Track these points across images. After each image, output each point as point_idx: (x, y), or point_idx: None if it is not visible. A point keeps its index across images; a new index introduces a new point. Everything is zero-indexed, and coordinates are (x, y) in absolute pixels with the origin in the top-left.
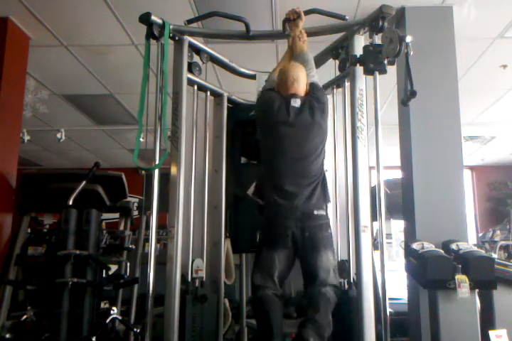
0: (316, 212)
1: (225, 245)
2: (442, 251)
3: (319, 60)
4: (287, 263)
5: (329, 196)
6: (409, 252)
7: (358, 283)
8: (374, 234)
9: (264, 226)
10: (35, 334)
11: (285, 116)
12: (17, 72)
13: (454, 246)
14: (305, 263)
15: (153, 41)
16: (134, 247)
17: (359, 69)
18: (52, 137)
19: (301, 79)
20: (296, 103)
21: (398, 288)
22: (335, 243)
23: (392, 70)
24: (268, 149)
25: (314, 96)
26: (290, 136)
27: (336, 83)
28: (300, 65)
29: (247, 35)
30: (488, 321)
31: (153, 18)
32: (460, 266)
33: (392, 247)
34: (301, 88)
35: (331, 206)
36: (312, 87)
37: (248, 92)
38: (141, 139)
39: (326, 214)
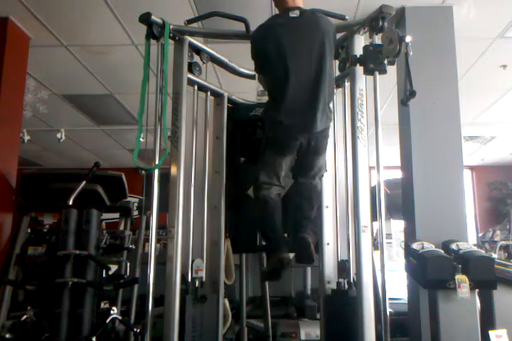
0: (324, 128)
1: (225, 245)
2: (442, 251)
3: None
4: (291, 164)
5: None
6: (409, 252)
7: (358, 283)
8: (374, 234)
9: (272, 132)
10: (35, 334)
11: (283, 26)
12: (17, 72)
13: (454, 246)
14: (304, 162)
15: (153, 41)
16: (134, 247)
17: (359, 69)
18: (52, 137)
19: None
20: (294, 13)
21: (398, 288)
22: (335, 243)
23: (392, 70)
24: (272, 71)
25: (317, 9)
26: (294, 44)
27: (336, 83)
28: None
29: (247, 35)
30: (488, 321)
31: (153, 18)
32: (460, 266)
33: (392, 247)
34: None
35: (331, 206)
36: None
37: (248, 92)
38: (141, 139)
39: (330, 119)
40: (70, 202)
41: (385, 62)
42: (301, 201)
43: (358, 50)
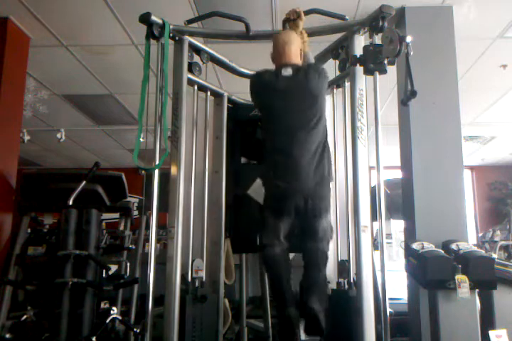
0: (319, 190)
1: (225, 245)
2: (442, 251)
3: (319, 60)
4: (291, 226)
5: (332, 173)
6: (409, 252)
7: (358, 283)
8: (374, 234)
9: (267, 195)
10: (35, 334)
11: (275, 84)
12: (17, 72)
13: (454, 246)
14: (305, 224)
15: (153, 41)
16: (134, 247)
17: (359, 69)
18: (52, 137)
19: (293, 43)
20: (286, 72)
21: (398, 288)
22: (335, 243)
23: (392, 70)
24: (265, 124)
25: (310, 65)
26: (284, 106)
27: (336, 83)
28: (293, 31)
29: (247, 35)
30: (488, 321)
31: (153, 18)
32: (460, 266)
33: (392, 247)
34: (293, 53)
35: (331, 206)
36: (307, 56)
37: (248, 92)
38: (141, 139)
39: (329, 184)
40: (70, 202)
41: (385, 62)
42: (308, 266)
43: (358, 50)
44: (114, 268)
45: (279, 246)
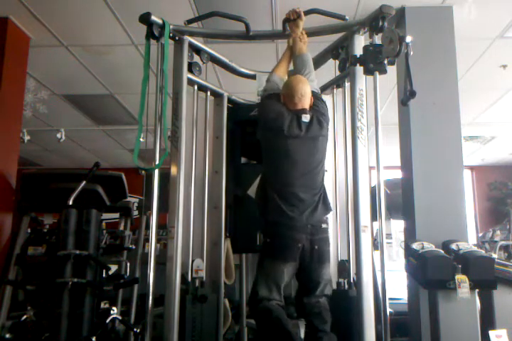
0: (323, 225)
1: (225, 245)
2: (442, 251)
3: (319, 60)
4: (292, 274)
5: (330, 206)
6: (409, 252)
7: (358, 283)
8: (374, 234)
9: (272, 236)
10: (35, 334)
11: (297, 131)
12: (17, 72)
13: (454, 246)
14: (308, 275)
15: (153, 41)
16: (134, 247)
17: (359, 69)
18: (52, 137)
19: (308, 94)
20: (306, 118)
21: (398, 288)
22: (335, 243)
23: (392, 70)
24: (275, 161)
25: (319, 110)
26: (300, 150)
27: (336, 83)
28: (305, 79)
29: (247, 35)
30: (488, 321)
31: (153, 18)
32: (460, 266)
33: (392, 247)
34: (307, 102)
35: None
36: (314, 97)
37: (248, 92)
38: (141, 139)
39: (328, 226)
40: (70, 202)
41: (385, 62)
42: (310, 318)
43: (358, 50)
44: (114, 268)
45: (277, 300)
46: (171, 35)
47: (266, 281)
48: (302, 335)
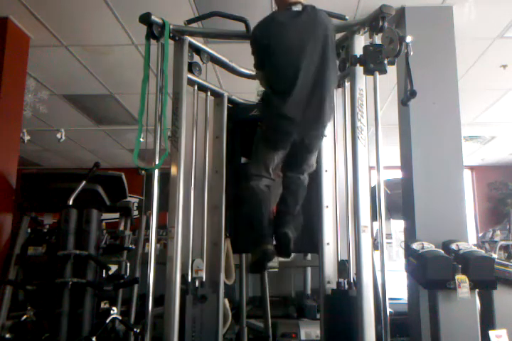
0: (320, 126)
1: (225, 245)
2: (442, 251)
3: None
4: (282, 157)
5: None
6: (409, 252)
7: (358, 283)
8: (374, 234)
9: (266, 128)
10: (35, 334)
11: (285, 18)
12: (17, 72)
13: (454, 246)
14: (294, 157)
15: (153, 41)
16: (134, 247)
17: (359, 69)
18: (52, 137)
19: None
20: (297, 7)
21: (398, 288)
22: (335, 243)
23: (392, 70)
24: (271, 62)
25: (317, 9)
26: (295, 36)
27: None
28: None
29: (247, 35)
30: (488, 321)
31: (153, 18)
32: (460, 266)
33: (392, 247)
34: None
35: (331, 206)
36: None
37: (248, 92)
38: (141, 139)
39: (327, 123)
40: (70, 202)
41: (385, 62)
42: (286, 196)
43: (358, 50)
44: (114, 268)
45: (267, 179)
46: (171, 35)
47: (256, 162)
48: (303, 336)
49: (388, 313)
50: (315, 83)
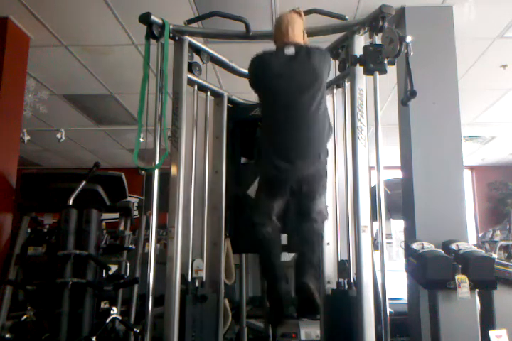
0: (318, 171)
1: (225, 245)
2: (442, 251)
3: None
4: (284, 205)
5: (328, 154)
6: (409, 252)
7: (358, 283)
8: (374, 234)
9: (262, 175)
10: (35, 334)
11: (277, 62)
12: (17, 72)
13: (454, 246)
14: (298, 205)
15: (153, 41)
16: (134, 247)
17: (359, 69)
18: (52, 137)
19: (296, 22)
20: (289, 50)
21: (398, 288)
22: (335, 243)
23: (392, 70)
24: (266, 104)
25: (311, 48)
26: (285, 84)
27: (336, 83)
28: (295, 13)
29: (247, 35)
30: (488, 321)
31: (153, 18)
32: (460, 266)
33: (392, 247)
34: (296, 34)
35: (331, 206)
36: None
37: (248, 92)
38: (141, 139)
39: (326, 166)
40: (70, 202)
41: (385, 62)
42: (301, 246)
43: (358, 50)
44: (114, 268)
45: (270, 225)
46: (171, 35)
47: (258, 210)
48: (303, 336)
49: (388, 313)
50: (304, 131)
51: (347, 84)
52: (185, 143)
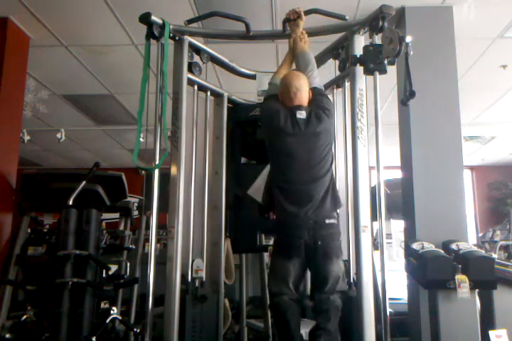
0: (327, 221)
1: (225, 245)
2: (442, 251)
3: (319, 60)
4: (301, 270)
5: (340, 201)
6: (409, 252)
7: (358, 283)
8: (374, 234)
9: (276, 234)
10: (35, 334)
11: (292, 128)
12: (17, 72)
13: (454, 246)
14: (315, 271)
15: (153, 41)
16: (134, 247)
17: (359, 69)
18: (52, 137)
19: (304, 89)
20: (301, 115)
21: (398, 288)
22: None
23: (392, 70)
24: (276, 159)
25: (319, 104)
26: (299, 147)
27: (336, 83)
28: (300, 74)
29: (247, 35)
30: (488, 321)
31: (153, 18)
32: (460, 266)
33: (392, 247)
34: (304, 97)
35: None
36: (315, 92)
37: (248, 92)
38: (141, 139)
39: (338, 221)
40: (70, 202)
41: (385, 62)
42: (316, 314)
43: (358, 50)
44: (114, 268)
45: (289, 294)
46: (171, 35)
47: (274, 278)
48: (303, 336)
49: (388, 313)
50: (314, 186)
51: (347, 84)
52: (185, 143)
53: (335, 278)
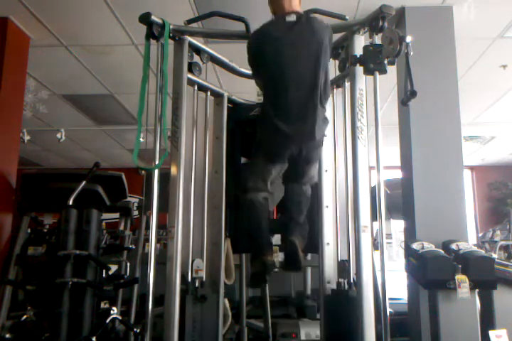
0: (317, 138)
1: (225, 245)
2: (442, 251)
3: None
4: (280, 169)
5: (327, 118)
6: (409, 252)
7: (358, 283)
8: (374, 234)
9: (262, 140)
10: (35, 334)
11: (278, 30)
12: (17, 72)
13: (454, 246)
14: (294, 169)
15: (153, 41)
16: (134, 247)
17: (359, 69)
18: (52, 137)
19: None
20: (290, 18)
21: (398, 288)
22: (335, 243)
23: (392, 70)
24: (266, 73)
25: (313, 17)
26: (290, 50)
27: (336, 83)
28: None
29: (247, 35)
30: (488, 321)
31: (153, 18)
32: (460, 266)
33: (392, 247)
34: (296, 4)
35: (331, 206)
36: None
37: (248, 92)
38: (141, 139)
39: (325, 128)
40: (70, 202)
41: (385, 62)
42: (290, 205)
43: (358, 50)
44: (114, 268)
45: (264, 191)
46: (171, 35)
47: (254, 175)
48: (303, 336)
49: (388, 313)
50: (307, 96)
51: (347, 84)
52: (185, 143)
53: (311, 176)
